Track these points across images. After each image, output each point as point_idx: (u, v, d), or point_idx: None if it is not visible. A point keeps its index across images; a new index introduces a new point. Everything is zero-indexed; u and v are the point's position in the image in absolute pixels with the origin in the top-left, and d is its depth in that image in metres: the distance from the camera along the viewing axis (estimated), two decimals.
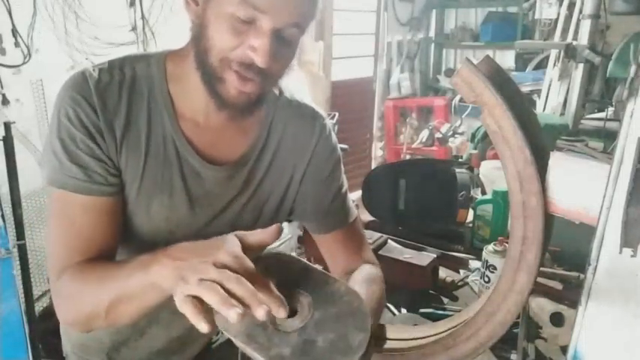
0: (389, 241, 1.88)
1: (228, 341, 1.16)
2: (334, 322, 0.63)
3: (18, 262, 1.88)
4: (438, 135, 4.37)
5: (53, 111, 0.81)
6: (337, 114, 3.49)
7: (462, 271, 1.79)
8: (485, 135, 3.11)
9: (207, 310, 0.58)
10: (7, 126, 1.81)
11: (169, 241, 0.86)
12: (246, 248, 0.65)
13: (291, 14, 0.72)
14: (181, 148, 0.84)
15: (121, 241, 0.88)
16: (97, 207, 0.80)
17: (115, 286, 0.73)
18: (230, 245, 0.64)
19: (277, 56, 0.74)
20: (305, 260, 0.70)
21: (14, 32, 2.23)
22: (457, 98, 4.53)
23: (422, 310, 1.52)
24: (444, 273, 1.75)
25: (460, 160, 3.46)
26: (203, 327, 0.57)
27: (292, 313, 0.62)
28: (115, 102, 0.80)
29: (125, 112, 0.81)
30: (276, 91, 0.94)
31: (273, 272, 0.62)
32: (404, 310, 1.55)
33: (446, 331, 0.97)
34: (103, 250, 0.82)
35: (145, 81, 0.83)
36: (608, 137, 2.60)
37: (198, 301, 0.58)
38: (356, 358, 0.60)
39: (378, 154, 5.02)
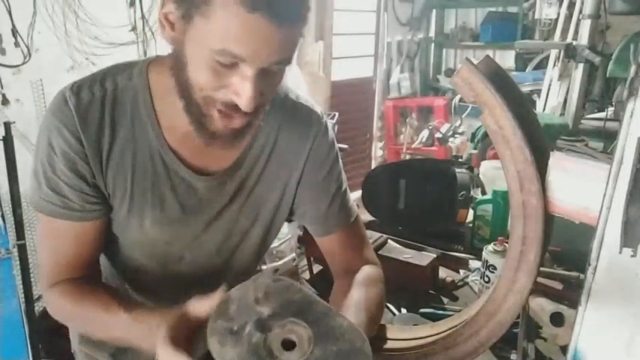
0: (389, 241, 1.88)
1: None
2: None
3: (18, 262, 1.88)
4: (438, 135, 4.36)
5: (39, 132, 0.79)
6: (337, 114, 3.49)
7: (462, 271, 1.79)
8: (486, 135, 3.11)
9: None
10: (7, 126, 1.81)
11: (166, 251, 0.88)
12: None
13: (272, 55, 0.67)
14: (169, 161, 0.82)
15: (116, 254, 0.89)
16: (74, 231, 0.81)
17: (115, 331, 0.76)
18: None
19: (263, 91, 0.71)
20: (308, 290, 0.67)
21: (14, 32, 2.22)
22: (457, 98, 4.52)
23: (422, 310, 1.52)
24: (444, 273, 1.75)
25: (460, 160, 3.46)
26: None
27: (290, 345, 0.60)
28: (97, 122, 0.78)
29: (109, 130, 0.79)
30: None
31: (271, 297, 0.60)
32: (404, 310, 1.55)
33: (446, 331, 0.97)
34: (87, 265, 0.84)
35: (128, 94, 0.80)
36: (608, 137, 2.59)
37: None
38: None
39: (378, 154, 5.02)
